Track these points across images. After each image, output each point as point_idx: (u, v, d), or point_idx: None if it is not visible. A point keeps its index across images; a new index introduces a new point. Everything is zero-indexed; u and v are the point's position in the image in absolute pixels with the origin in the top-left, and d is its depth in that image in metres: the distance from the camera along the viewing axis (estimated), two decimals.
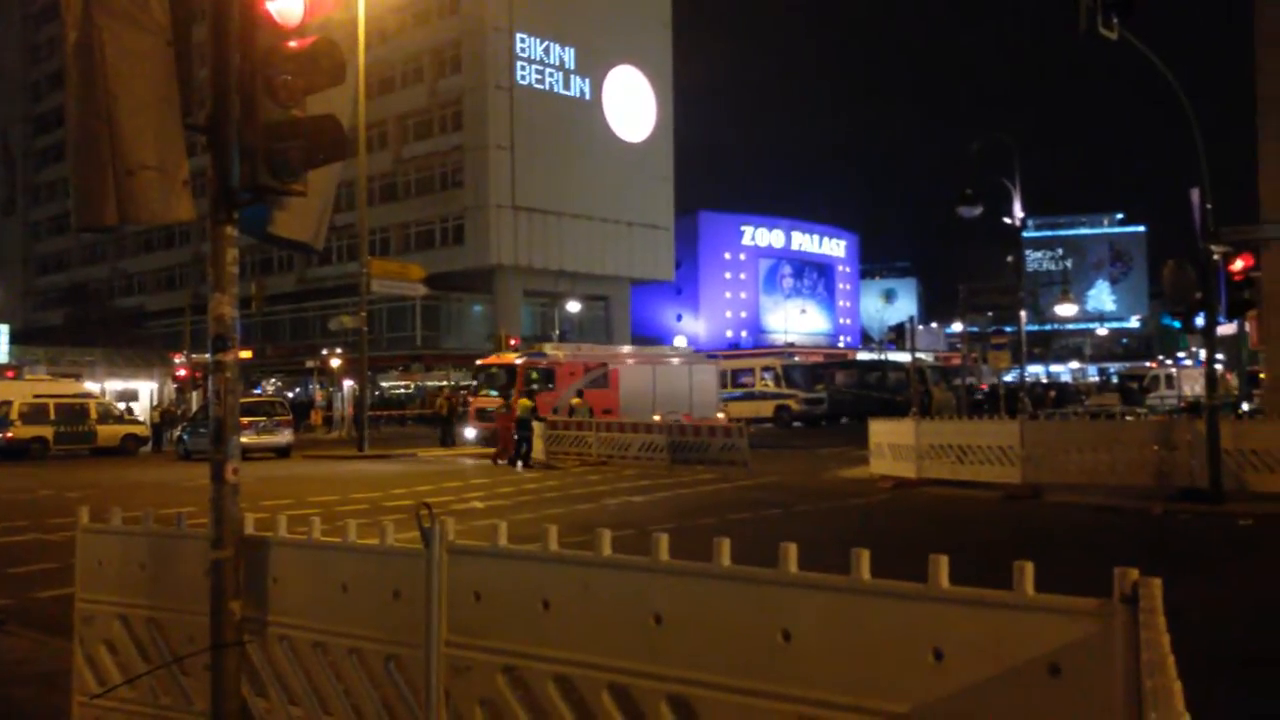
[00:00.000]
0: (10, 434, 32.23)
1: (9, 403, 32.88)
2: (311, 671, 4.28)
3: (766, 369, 46.09)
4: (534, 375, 29.99)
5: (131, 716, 4.88)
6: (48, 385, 37.40)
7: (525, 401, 26.13)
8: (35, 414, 32.88)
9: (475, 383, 33.20)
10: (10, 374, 41.33)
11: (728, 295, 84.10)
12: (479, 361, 33.47)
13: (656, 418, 28.91)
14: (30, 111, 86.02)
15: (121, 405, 40.51)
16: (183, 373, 47.97)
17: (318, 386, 53.89)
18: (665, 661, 3.39)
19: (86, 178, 4.34)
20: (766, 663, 3.23)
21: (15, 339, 52.35)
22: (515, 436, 25.39)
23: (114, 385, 52.08)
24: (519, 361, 30.52)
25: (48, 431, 32.86)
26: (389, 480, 22.04)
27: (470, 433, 31.81)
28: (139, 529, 4.94)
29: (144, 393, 53.91)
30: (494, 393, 30.40)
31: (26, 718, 5.72)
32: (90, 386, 44.91)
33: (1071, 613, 2.84)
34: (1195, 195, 15.66)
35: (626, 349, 36.58)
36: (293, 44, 4.63)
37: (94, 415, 34.34)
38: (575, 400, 28.91)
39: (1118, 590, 2.77)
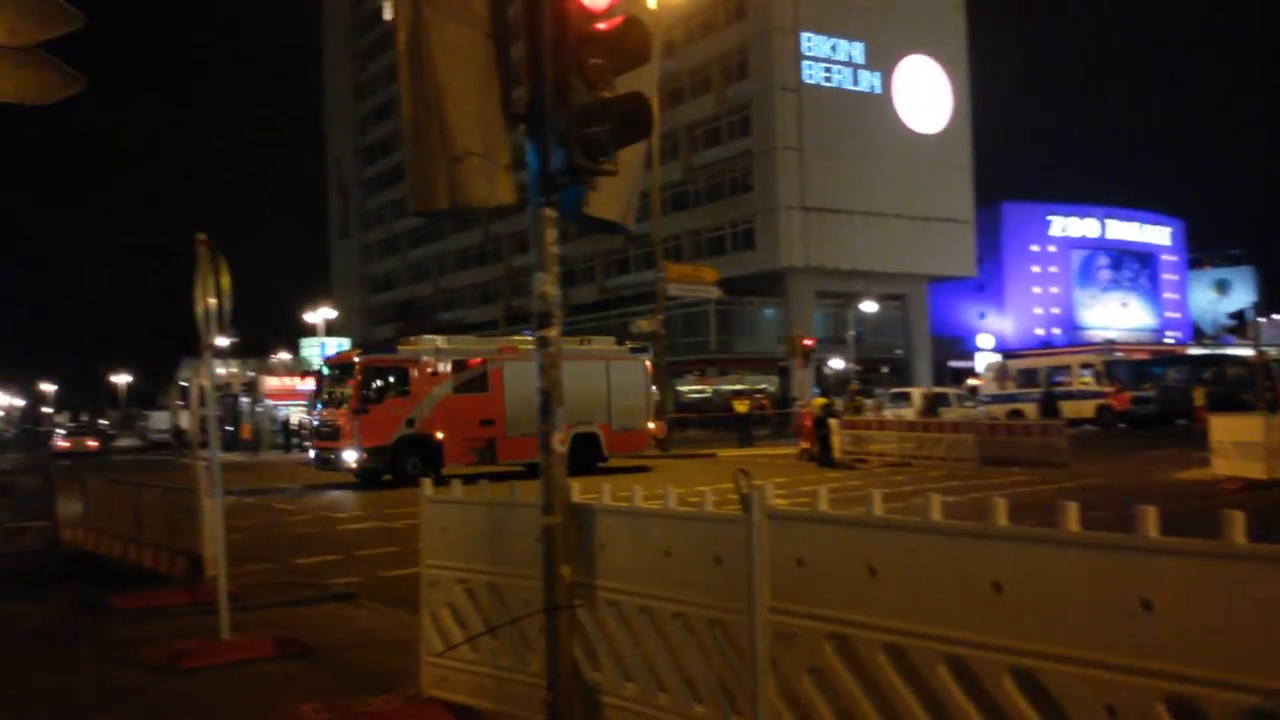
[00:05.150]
0: None
1: None
2: (639, 635, 4.36)
3: (1085, 366, 43.09)
4: (377, 377, 23.10)
5: (474, 677, 5.18)
6: None
7: (819, 399, 25.84)
8: None
9: (317, 389, 25.49)
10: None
11: (1036, 290, 79.41)
12: (324, 360, 26.05)
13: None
14: (359, 144, 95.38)
15: None
16: None
17: None
18: (1006, 632, 3.17)
19: (420, 166, 4.65)
20: (1123, 634, 2.94)
21: None
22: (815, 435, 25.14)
23: None
24: (358, 359, 23.47)
25: None
26: (692, 477, 22.43)
27: (313, 454, 25.02)
28: (477, 499, 5.25)
29: None
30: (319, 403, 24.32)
31: (380, 677, 6.23)
32: None
33: None
34: None
35: (515, 341, 27.11)
36: (601, 26, 4.75)
37: None
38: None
39: None
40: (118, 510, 11.78)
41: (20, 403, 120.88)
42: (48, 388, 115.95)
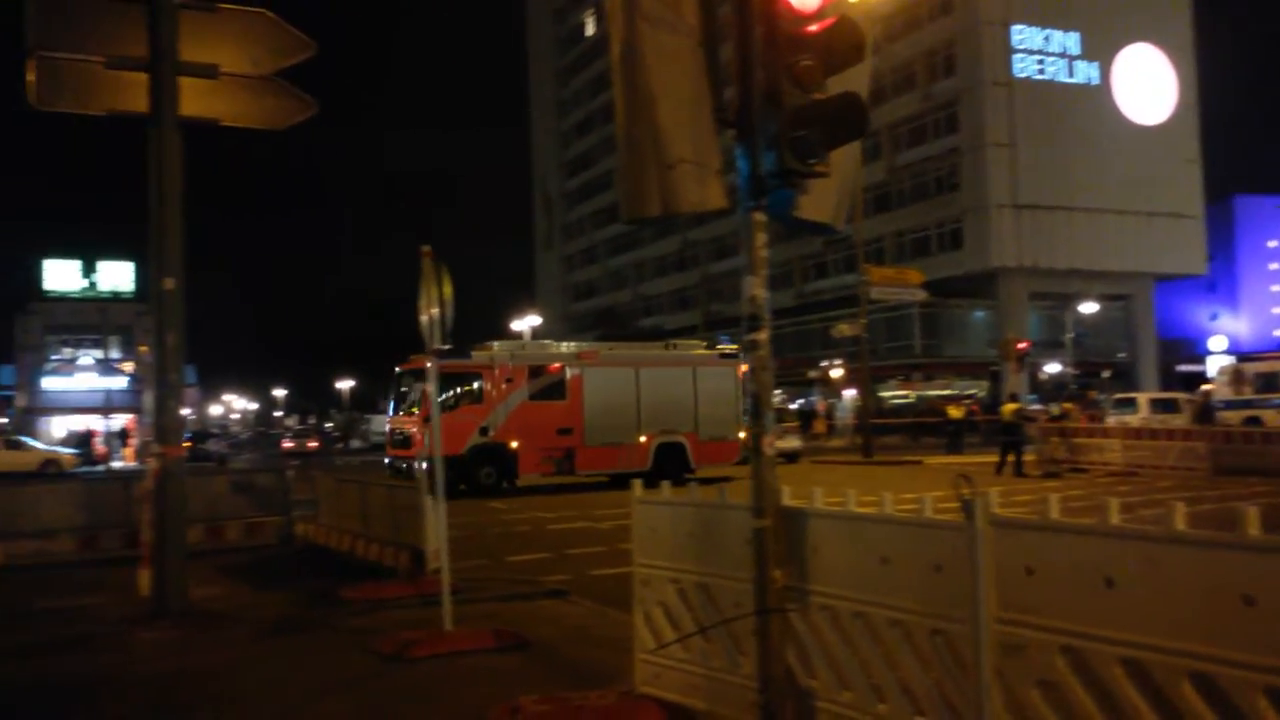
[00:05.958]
0: None
1: None
2: (854, 642, 4.30)
3: None
4: (450, 383, 21.92)
5: (686, 675, 5.24)
6: None
7: (1010, 405, 24.68)
8: None
9: (394, 397, 23.99)
10: None
11: (1275, 289, 73.27)
12: (398, 368, 23.95)
13: (643, 439, 23.19)
14: (562, 158, 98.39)
15: None
16: None
17: (820, 397, 55.30)
18: (1260, 649, 2.96)
19: (633, 175, 4.74)
20: None
21: None
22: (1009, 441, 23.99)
23: None
24: (429, 365, 22.99)
25: None
26: (898, 484, 21.86)
27: (387, 461, 24.23)
28: (685, 499, 5.31)
29: None
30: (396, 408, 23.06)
31: (594, 672, 6.38)
32: None
33: None
34: None
35: (597, 346, 26.20)
36: (812, 28, 4.71)
37: None
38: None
39: None
40: (345, 507, 12.55)
41: (254, 406, 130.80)
42: (279, 392, 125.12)
